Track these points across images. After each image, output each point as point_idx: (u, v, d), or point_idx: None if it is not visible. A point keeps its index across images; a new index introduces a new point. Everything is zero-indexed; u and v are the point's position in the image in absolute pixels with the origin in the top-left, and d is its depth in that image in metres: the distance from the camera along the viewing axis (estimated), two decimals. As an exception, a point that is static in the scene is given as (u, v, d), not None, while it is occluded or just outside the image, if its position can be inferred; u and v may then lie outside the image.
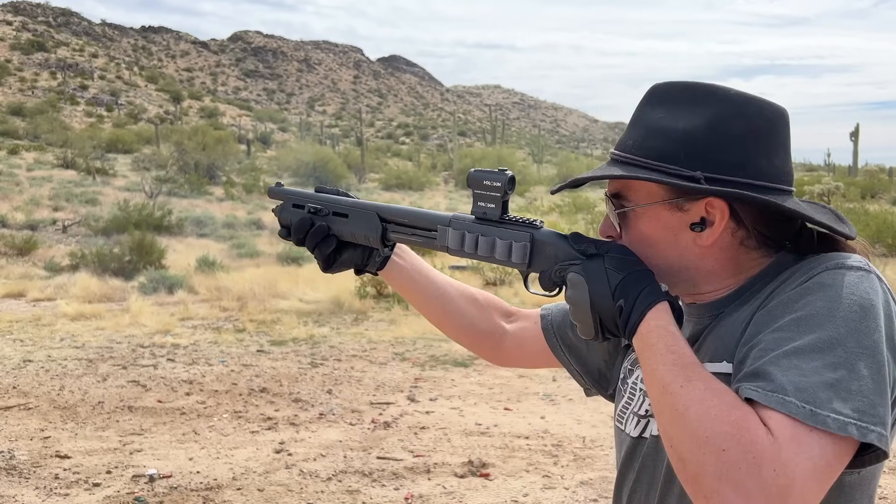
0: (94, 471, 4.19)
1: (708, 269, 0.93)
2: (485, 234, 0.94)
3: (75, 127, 63.52)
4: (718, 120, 0.89)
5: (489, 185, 0.93)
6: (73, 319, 8.17)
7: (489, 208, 0.94)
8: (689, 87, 0.92)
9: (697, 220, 0.90)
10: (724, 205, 0.89)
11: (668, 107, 0.91)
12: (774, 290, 0.88)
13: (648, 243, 0.92)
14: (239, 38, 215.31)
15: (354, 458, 4.39)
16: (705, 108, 0.89)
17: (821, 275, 0.83)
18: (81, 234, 17.00)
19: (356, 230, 1.06)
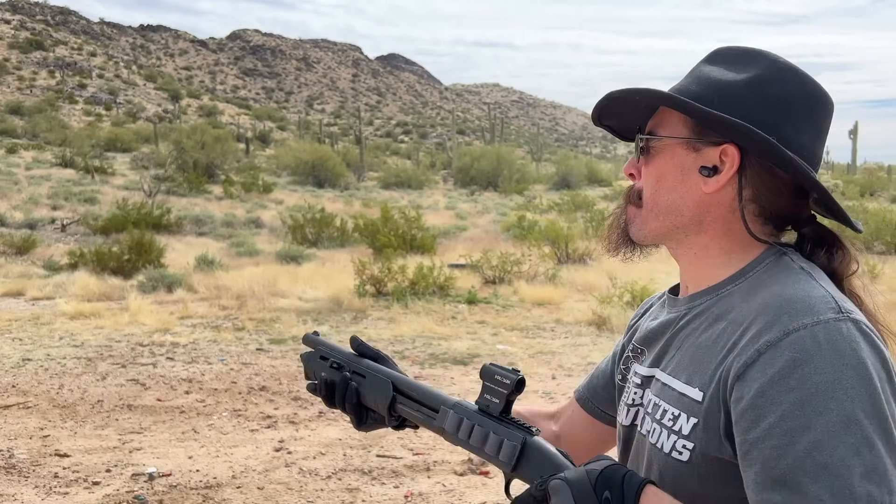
0: (94, 469, 4.19)
1: (701, 222, 0.95)
2: (481, 424, 0.95)
3: (74, 126, 63.45)
4: (758, 78, 0.93)
5: (499, 381, 0.95)
6: (72, 318, 8.17)
7: (493, 402, 0.95)
8: (746, 50, 0.97)
9: (709, 166, 0.92)
10: (736, 154, 0.91)
11: (722, 65, 0.96)
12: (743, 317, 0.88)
13: (659, 177, 0.96)
14: (237, 36, 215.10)
15: (354, 457, 4.39)
16: (751, 66, 0.94)
17: (797, 339, 0.80)
18: (80, 233, 16.99)
19: (368, 392, 1.10)
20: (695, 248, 0.97)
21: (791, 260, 0.92)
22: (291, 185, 32.72)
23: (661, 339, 1.02)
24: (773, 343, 0.81)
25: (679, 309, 1.00)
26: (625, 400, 1.06)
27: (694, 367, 0.91)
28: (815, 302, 0.83)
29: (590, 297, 8.95)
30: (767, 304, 0.86)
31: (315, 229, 15.78)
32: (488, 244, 13.65)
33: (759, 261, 0.94)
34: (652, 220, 0.97)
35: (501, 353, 7.04)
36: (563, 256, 12.63)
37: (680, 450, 0.89)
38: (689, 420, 0.89)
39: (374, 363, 1.12)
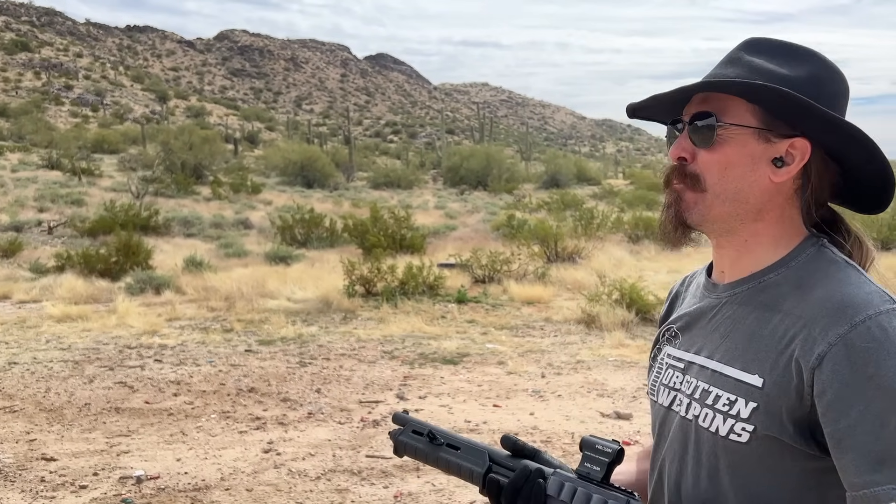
0: (81, 473, 4.16)
1: (761, 210, 0.99)
2: (584, 487, 0.97)
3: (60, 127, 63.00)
4: (817, 76, 0.98)
5: (600, 450, 0.97)
6: (58, 321, 8.11)
7: (593, 470, 0.97)
8: (785, 44, 1.01)
9: (780, 156, 0.97)
10: (807, 147, 0.97)
11: (768, 57, 0.99)
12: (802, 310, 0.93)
13: (728, 165, 0.98)
14: (225, 36, 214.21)
15: (343, 457, 4.38)
16: (804, 63, 0.99)
17: (865, 329, 0.88)
18: (67, 235, 16.87)
19: (463, 462, 1.09)
20: (745, 235, 1.01)
21: (832, 252, 0.99)
22: (280, 186, 32.62)
23: (698, 324, 1.07)
24: (843, 335, 0.88)
25: (719, 296, 1.04)
26: (661, 380, 1.10)
27: (750, 355, 0.96)
28: (872, 295, 0.91)
29: (579, 296, 8.97)
30: (828, 298, 0.92)
31: (304, 230, 15.74)
32: (478, 243, 13.66)
33: (800, 250, 1.00)
34: (718, 206, 0.99)
35: (491, 351, 7.04)
36: (553, 255, 12.64)
37: (739, 432, 0.94)
38: (747, 404, 0.94)
39: (470, 439, 1.12)
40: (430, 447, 1.13)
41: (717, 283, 1.06)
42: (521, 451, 1.05)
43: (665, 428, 1.08)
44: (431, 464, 1.14)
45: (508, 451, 1.06)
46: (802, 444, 0.91)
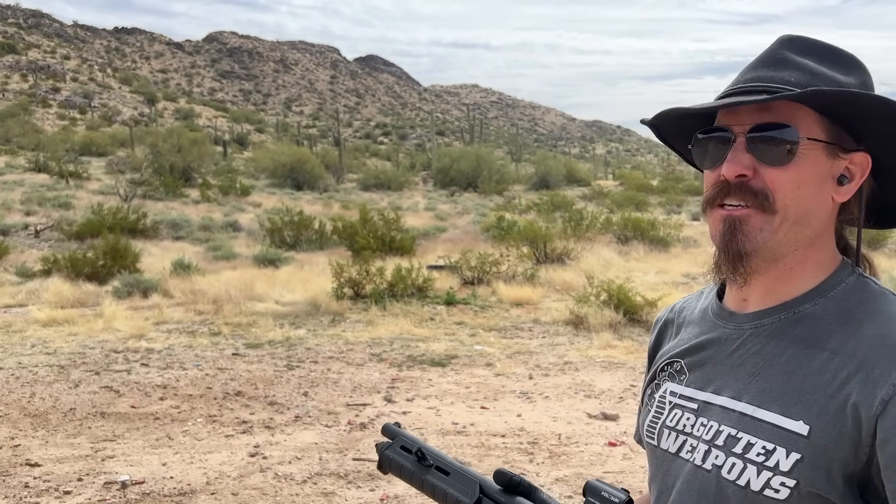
0: (65, 478, 4.14)
1: (819, 233, 0.90)
2: None
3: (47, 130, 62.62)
4: (866, 84, 0.91)
5: (605, 498, 0.90)
6: (44, 325, 8.06)
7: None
8: (829, 46, 0.91)
9: (844, 174, 0.89)
10: (867, 162, 0.89)
11: (816, 59, 0.90)
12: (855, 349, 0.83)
13: (801, 183, 0.86)
14: (214, 38, 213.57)
15: (330, 460, 4.37)
16: (854, 69, 0.91)
17: None
18: (54, 239, 16.76)
19: (450, 489, 1.01)
20: (793, 262, 0.89)
21: (874, 282, 0.90)
22: (270, 188, 32.53)
23: (712, 359, 0.94)
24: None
25: (741, 326, 0.92)
26: (665, 422, 0.96)
27: (790, 396, 0.84)
28: None
29: (567, 297, 8.99)
30: (887, 335, 0.82)
31: (293, 232, 15.70)
32: (468, 245, 13.66)
33: (837, 278, 0.90)
34: (784, 230, 0.87)
35: (479, 353, 7.05)
36: (542, 256, 12.67)
37: (777, 487, 0.82)
38: (788, 455, 0.82)
39: (463, 465, 1.05)
40: (417, 467, 1.05)
41: (737, 313, 0.93)
42: (516, 488, 0.95)
43: (670, 478, 0.93)
44: (416, 485, 1.06)
45: (502, 485, 0.97)
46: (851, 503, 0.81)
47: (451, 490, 1.00)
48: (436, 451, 1.06)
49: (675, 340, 1.02)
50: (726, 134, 0.89)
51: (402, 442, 1.10)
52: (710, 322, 0.96)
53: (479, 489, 0.98)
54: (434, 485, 1.03)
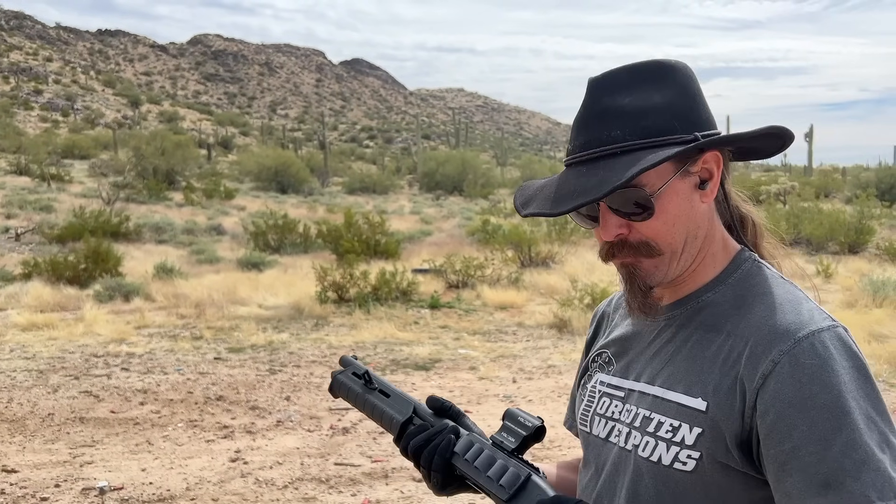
0: (42, 485, 4.08)
1: (706, 233, 0.96)
2: (492, 452, 0.95)
3: (29, 132, 61.99)
4: (681, 87, 0.93)
5: (521, 423, 0.94)
6: (24, 330, 7.96)
7: (507, 440, 0.95)
8: (636, 69, 0.94)
9: (704, 178, 0.94)
10: (718, 156, 0.94)
11: (630, 92, 0.92)
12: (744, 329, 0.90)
13: (675, 221, 0.92)
14: (199, 41, 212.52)
15: (312, 465, 4.34)
16: (663, 81, 0.93)
17: (809, 346, 0.84)
18: (35, 242, 16.57)
19: (388, 408, 1.08)
20: (693, 263, 0.96)
21: (768, 267, 0.96)
22: (254, 191, 32.37)
23: (633, 349, 1.01)
24: (786, 352, 0.84)
25: (656, 320, 0.99)
26: (595, 410, 1.03)
27: (692, 377, 0.91)
28: (813, 312, 0.88)
29: (552, 301, 9.00)
30: (770, 315, 0.89)
31: (277, 235, 15.62)
32: (453, 248, 13.66)
33: (735, 265, 0.97)
34: (676, 259, 0.94)
35: (463, 357, 7.04)
36: (527, 260, 12.69)
37: (684, 460, 0.89)
38: (692, 430, 0.89)
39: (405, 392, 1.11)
40: (363, 389, 1.13)
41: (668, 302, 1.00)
42: (446, 412, 1.04)
43: (601, 461, 1.00)
44: (360, 407, 1.12)
45: (434, 409, 1.05)
46: (752, 469, 0.86)
47: (389, 409, 1.08)
48: (382, 379, 1.14)
49: (607, 332, 1.10)
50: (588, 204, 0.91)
51: (354, 369, 1.16)
52: (629, 316, 1.04)
53: (413, 410, 1.06)
54: (374, 405, 1.10)
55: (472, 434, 0.98)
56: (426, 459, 0.97)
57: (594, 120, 0.92)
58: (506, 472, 0.92)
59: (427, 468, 0.97)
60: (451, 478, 0.97)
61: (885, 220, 20.48)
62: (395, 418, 1.06)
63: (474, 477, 0.94)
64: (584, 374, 1.10)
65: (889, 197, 29.15)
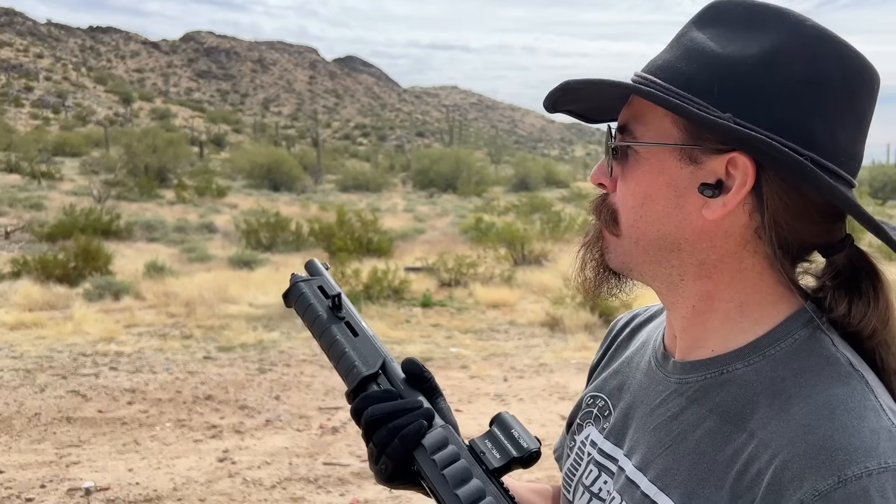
0: (28, 485, 4.04)
1: (704, 262, 0.70)
2: (468, 464, 0.75)
3: (20, 130, 61.70)
4: (778, 54, 0.65)
5: (513, 438, 0.76)
6: (12, 328, 7.89)
7: (492, 454, 0.76)
8: (755, 6, 0.68)
9: (712, 182, 0.67)
10: (750, 166, 0.65)
11: (722, 28, 0.69)
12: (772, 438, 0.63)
13: (644, 198, 0.70)
14: (191, 38, 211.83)
15: (300, 465, 4.31)
16: (766, 35, 0.66)
17: (859, 490, 0.58)
18: (25, 240, 16.46)
19: (351, 352, 0.85)
20: (693, 300, 0.72)
21: (832, 343, 0.67)
22: (246, 189, 32.28)
23: (635, 408, 0.78)
24: (822, 494, 0.58)
25: (668, 377, 0.75)
26: (581, 478, 0.82)
27: (694, 484, 0.67)
28: (879, 434, 0.60)
29: (544, 299, 8.99)
30: (813, 426, 0.61)
31: (270, 234, 15.57)
32: (446, 247, 13.64)
33: (784, 331, 0.69)
34: (638, 255, 0.72)
35: (455, 355, 7.02)
36: (520, 258, 12.68)
37: None
38: None
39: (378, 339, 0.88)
40: (327, 315, 0.88)
41: (669, 356, 0.76)
42: (422, 383, 0.81)
43: None
44: (316, 333, 0.88)
45: (408, 376, 0.83)
46: None
47: (351, 352, 0.85)
48: (354, 311, 0.89)
49: (613, 364, 0.87)
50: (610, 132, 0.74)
51: (323, 283, 0.91)
52: (648, 360, 0.80)
53: (382, 365, 0.84)
54: (336, 340, 0.86)
55: (447, 428, 0.78)
56: (382, 438, 0.76)
57: (669, 43, 0.73)
58: (480, 502, 0.73)
59: (379, 449, 0.76)
60: (403, 470, 0.77)
61: (878, 217, 20.53)
62: (356, 368, 0.84)
63: (438, 488, 0.74)
64: (577, 412, 0.88)
65: (882, 195, 29.30)
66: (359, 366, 0.84)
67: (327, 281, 0.91)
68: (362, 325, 0.87)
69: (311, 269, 0.94)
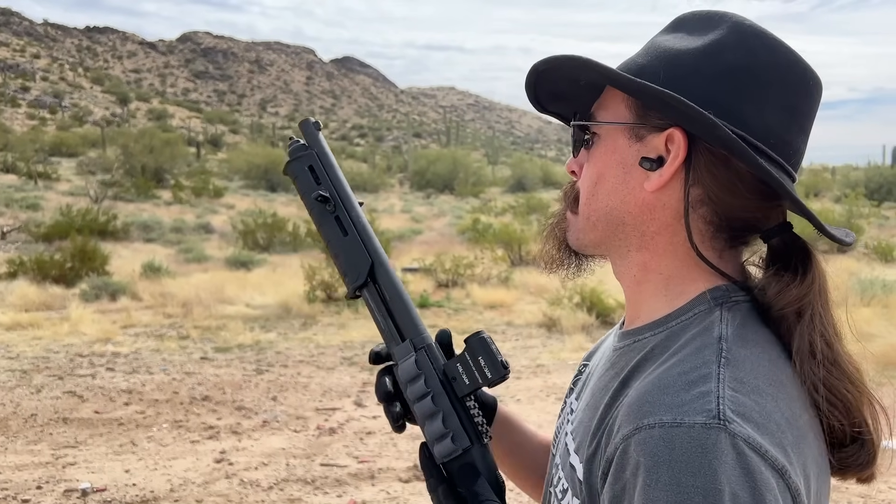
0: (24, 486, 4.03)
1: (644, 233, 0.76)
2: (435, 401, 0.80)
3: (16, 130, 61.57)
4: (717, 45, 0.73)
5: (486, 361, 0.79)
6: (8, 329, 7.87)
7: (463, 382, 0.81)
8: (708, 13, 0.78)
9: (653, 157, 0.73)
10: (682, 139, 0.72)
11: (680, 32, 0.78)
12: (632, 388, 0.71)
13: (598, 176, 0.77)
14: (188, 38, 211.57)
15: (297, 466, 4.31)
16: (712, 32, 0.75)
17: (647, 437, 0.63)
18: (21, 241, 16.42)
19: (341, 256, 0.87)
20: (634, 269, 0.78)
21: (721, 319, 0.71)
22: (243, 190, 32.25)
23: (590, 372, 0.88)
24: (626, 437, 0.65)
25: (615, 344, 0.82)
26: (559, 426, 0.89)
27: (583, 434, 0.75)
28: (690, 397, 0.64)
29: (541, 300, 8.99)
30: (648, 386, 0.68)
31: (266, 234, 15.55)
32: (443, 247, 13.64)
33: (689, 306, 0.74)
34: (590, 230, 0.79)
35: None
36: (517, 259, 12.68)
37: None
38: (573, 499, 0.74)
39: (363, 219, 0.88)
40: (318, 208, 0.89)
41: (621, 328, 0.84)
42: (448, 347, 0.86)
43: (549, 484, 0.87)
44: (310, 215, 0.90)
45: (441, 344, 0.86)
46: None
47: (341, 257, 0.87)
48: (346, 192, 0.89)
49: (603, 339, 0.96)
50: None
51: (311, 163, 0.90)
52: (614, 334, 0.88)
53: (371, 269, 0.85)
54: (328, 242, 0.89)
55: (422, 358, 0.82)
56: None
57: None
58: (441, 440, 0.79)
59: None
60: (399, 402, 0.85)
61: (874, 219, 20.61)
62: (347, 278, 0.87)
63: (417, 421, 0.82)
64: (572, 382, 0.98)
65: (878, 196, 29.35)
66: (349, 276, 0.86)
67: (322, 150, 0.90)
68: (350, 220, 0.88)
69: (306, 132, 0.92)
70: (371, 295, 0.86)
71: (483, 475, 0.78)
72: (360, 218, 0.88)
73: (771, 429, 0.63)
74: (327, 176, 0.90)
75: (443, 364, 0.82)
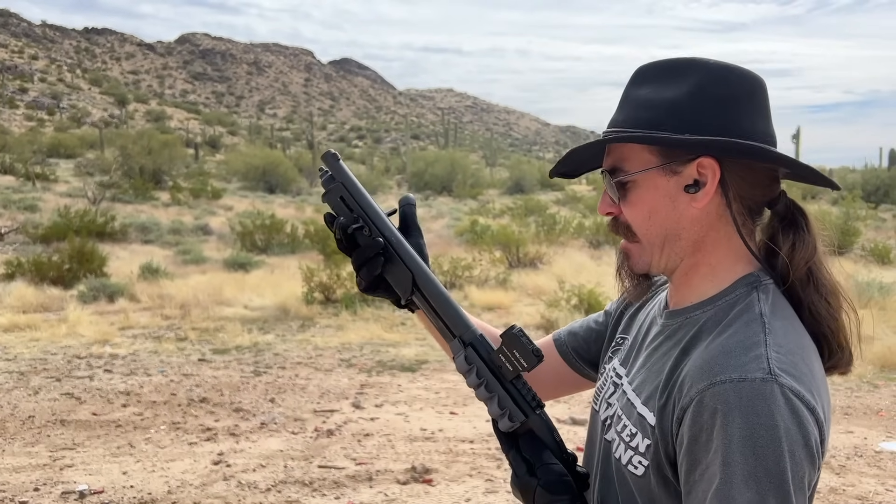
0: (21, 488, 4.02)
1: (697, 240, 0.96)
2: (489, 387, 0.95)
3: (14, 131, 61.49)
4: (699, 86, 0.93)
5: (517, 355, 0.93)
6: (5, 331, 7.86)
7: (507, 369, 0.94)
8: (670, 63, 0.97)
9: (691, 182, 0.94)
10: (714, 163, 0.93)
11: (653, 84, 0.96)
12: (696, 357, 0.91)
13: (650, 213, 0.96)
14: (186, 40, 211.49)
15: (295, 468, 4.30)
16: (687, 78, 0.94)
17: (721, 391, 0.83)
18: (19, 242, 16.39)
19: (390, 276, 1.02)
20: (686, 266, 0.98)
21: (758, 299, 0.93)
22: (242, 191, 32.21)
23: (641, 345, 1.06)
24: (700, 392, 0.85)
25: (661, 323, 1.02)
26: (605, 395, 1.08)
27: (651, 390, 0.95)
28: (749, 359, 0.85)
29: (539, 301, 8.99)
30: (715, 350, 0.89)
31: (264, 236, 15.54)
32: (442, 249, 13.63)
33: (732, 288, 0.95)
34: (655, 252, 0.98)
35: (450, 359, 7.01)
36: (515, 261, 12.68)
37: (636, 465, 0.94)
38: (643, 440, 0.93)
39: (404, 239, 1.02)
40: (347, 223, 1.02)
41: (666, 309, 1.04)
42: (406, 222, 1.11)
43: (594, 440, 1.08)
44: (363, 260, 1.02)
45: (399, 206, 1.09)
46: None
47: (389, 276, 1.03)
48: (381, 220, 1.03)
49: (636, 317, 1.13)
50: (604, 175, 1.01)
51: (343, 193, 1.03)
52: (657, 310, 1.07)
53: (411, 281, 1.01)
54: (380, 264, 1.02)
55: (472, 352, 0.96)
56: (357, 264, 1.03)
57: (619, 105, 1.00)
58: (502, 417, 0.93)
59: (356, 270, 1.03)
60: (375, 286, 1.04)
61: (871, 221, 20.64)
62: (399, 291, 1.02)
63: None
64: (607, 352, 1.16)
65: (875, 198, 29.39)
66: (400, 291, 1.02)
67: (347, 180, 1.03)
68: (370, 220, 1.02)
69: (329, 164, 1.05)
70: (420, 302, 1.01)
71: (542, 439, 0.94)
72: (393, 235, 1.02)
73: (804, 380, 0.85)
74: (357, 204, 1.03)
75: (490, 354, 0.96)
